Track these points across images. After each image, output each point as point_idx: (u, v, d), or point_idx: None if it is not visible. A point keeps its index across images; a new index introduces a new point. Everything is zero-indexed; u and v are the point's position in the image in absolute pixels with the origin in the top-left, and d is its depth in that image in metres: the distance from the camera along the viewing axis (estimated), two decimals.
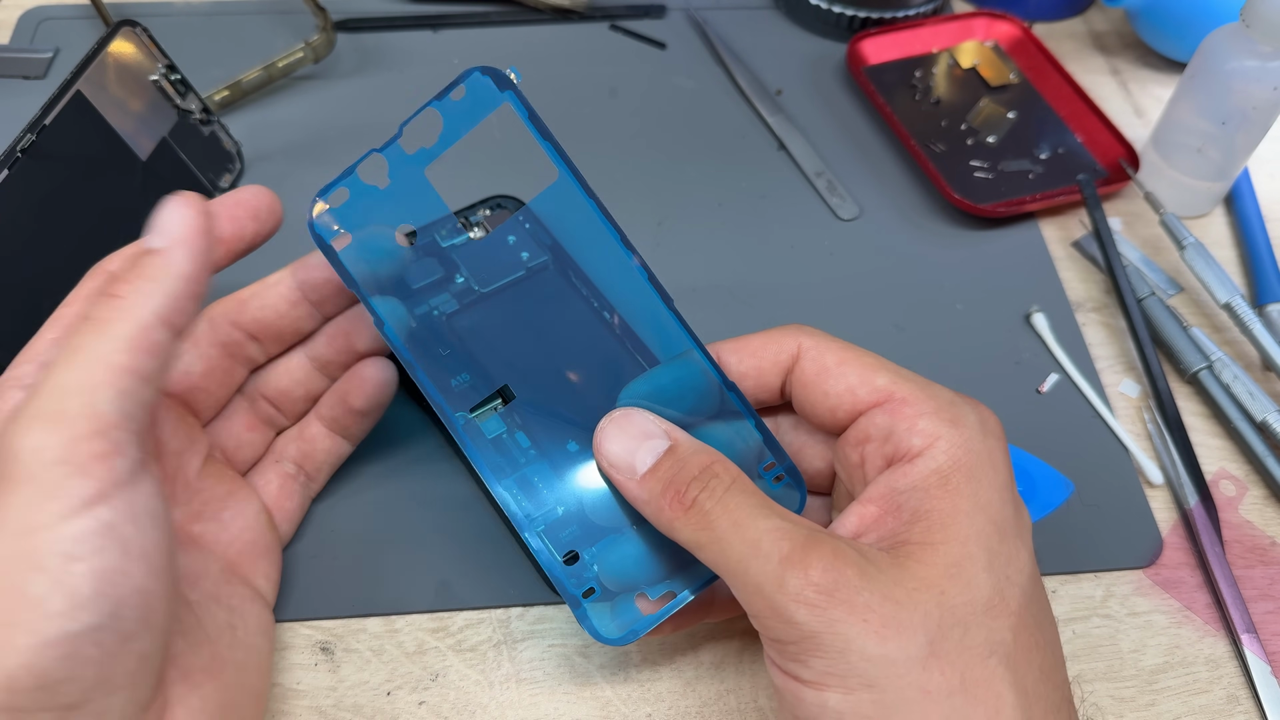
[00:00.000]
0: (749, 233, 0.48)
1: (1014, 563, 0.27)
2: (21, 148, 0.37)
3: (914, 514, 0.27)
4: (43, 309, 0.38)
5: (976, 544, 0.27)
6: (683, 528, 0.28)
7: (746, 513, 0.27)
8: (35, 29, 0.54)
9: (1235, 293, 0.44)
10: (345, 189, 0.30)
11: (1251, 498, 0.41)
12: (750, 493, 0.28)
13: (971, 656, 0.25)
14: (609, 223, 0.31)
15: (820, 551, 0.26)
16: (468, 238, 0.40)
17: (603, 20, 0.57)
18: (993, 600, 0.26)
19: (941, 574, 0.26)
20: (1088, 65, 0.58)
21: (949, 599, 0.26)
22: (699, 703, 0.34)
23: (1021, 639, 0.26)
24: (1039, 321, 0.45)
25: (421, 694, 0.34)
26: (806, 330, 0.32)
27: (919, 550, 0.27)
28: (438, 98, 0.30)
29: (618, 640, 0.30)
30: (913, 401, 0.29)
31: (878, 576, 0.26)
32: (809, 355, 0.31)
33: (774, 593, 0.26)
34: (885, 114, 0.52)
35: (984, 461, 0.28)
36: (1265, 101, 0.44)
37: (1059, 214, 0.50)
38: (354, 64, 0.54)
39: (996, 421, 0.30)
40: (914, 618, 0.25)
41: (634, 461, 0.29)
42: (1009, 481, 0.29)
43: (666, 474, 0.29)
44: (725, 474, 0.28)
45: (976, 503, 0.27)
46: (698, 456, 0.29)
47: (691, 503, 0.28)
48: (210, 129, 0.46)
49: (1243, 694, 0.36)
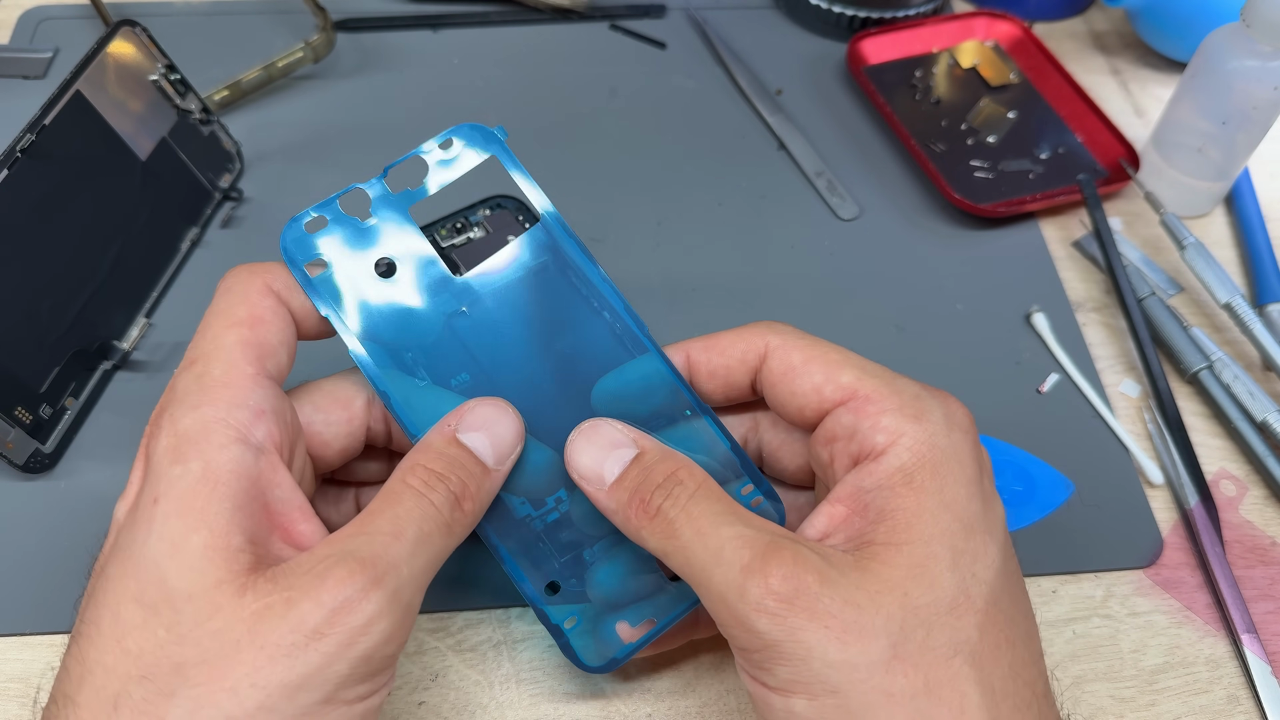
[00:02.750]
0: (749, 233, 0.48)
1: (981, 559, 0.27)
2: (21, 148, 0.37)
3: (879, 513, 0.27)
4: (43, 308, 0.38)
5: (940, 543, 0.26)
6: (649, 536, 0.28)
7: (709, 520, 0.27)
8: (35, 29, 0.54)
9: (1235, 293, 0.44)
10: (325, 216, 0.30)
11: (1252, 498, 0.41)
12: (715, 498, 0.28)
13: (935, 657, 0.25)
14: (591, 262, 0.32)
15: (780, 558, 0.26)
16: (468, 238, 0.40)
17: (603, 20, 0.57)
18: (957, 599, 0.26)
19: (905, 575, 0.26)
20: (1088, 65, 0.58)
21: (912, 600, 0.26)
22: (699, 703, 0.34)
23: (989, 636, 0.26)
24: (1039, 321, 0.45)
25: (421, 694, 0.34)
26: (775, 327, 0.31)
27: (883, 551, 0.26)
28: (425, 148, 0.31)
29: (600, 668, 0.30)
30: (876, 398, 0.29)
31: (839, 581, 0.25)
32: (776, 354, 0.31)
33: (736, 602, 0.25)
34: (885, 114, 0.52)
35: (949, 457, 0.28)
36: (1265, 101, 0.44)
37: (1059, 214, 0.50)
38: (354, 64, 0.54)
39: (965, 414, 0.29)
40: (876, 621, 0.25)
41: (602, 471, 0.29)
42: (976, 476, 0.28)
43: (632, 482, 0.29)
44: (690, 480, 0.28)
45: (941, 500, 0.27)
46: (663, 464, 0.29)
47: (656, 511, 0.28)
48: (210, 129, 0.46)
49: (1243, 694, 0.36)
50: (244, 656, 0.24)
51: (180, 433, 0.26)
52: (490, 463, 0.29)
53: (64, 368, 0.39)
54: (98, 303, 0.41)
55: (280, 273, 0.30)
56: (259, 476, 0.27)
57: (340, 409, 0.31)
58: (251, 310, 0.29)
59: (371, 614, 0.25)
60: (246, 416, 0.27)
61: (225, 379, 0.27)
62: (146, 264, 0.44)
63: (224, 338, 0.28)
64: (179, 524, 0.25)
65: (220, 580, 0.25)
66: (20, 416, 0.37)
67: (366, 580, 0.25)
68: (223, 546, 0.25)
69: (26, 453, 0.38)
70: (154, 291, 0.44)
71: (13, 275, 0.37)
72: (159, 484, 0.26)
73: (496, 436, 0.29)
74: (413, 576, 0.26)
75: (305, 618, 0.24)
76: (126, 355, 0.42)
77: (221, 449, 0.26)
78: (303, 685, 0.24)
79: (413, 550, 0.26)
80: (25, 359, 0.38)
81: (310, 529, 0.27)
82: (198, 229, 0.46)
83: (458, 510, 0.28)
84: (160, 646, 0.24)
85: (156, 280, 0.44)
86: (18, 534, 0.37)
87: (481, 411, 0.29)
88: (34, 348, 0.38)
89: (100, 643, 0.25)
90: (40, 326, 0.38)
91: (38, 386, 0.38)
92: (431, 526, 0.27)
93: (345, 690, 0.25)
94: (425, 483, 0.28)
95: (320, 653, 0.24)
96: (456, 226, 0.43)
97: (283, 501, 0.27)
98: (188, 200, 0.46)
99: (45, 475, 0.39)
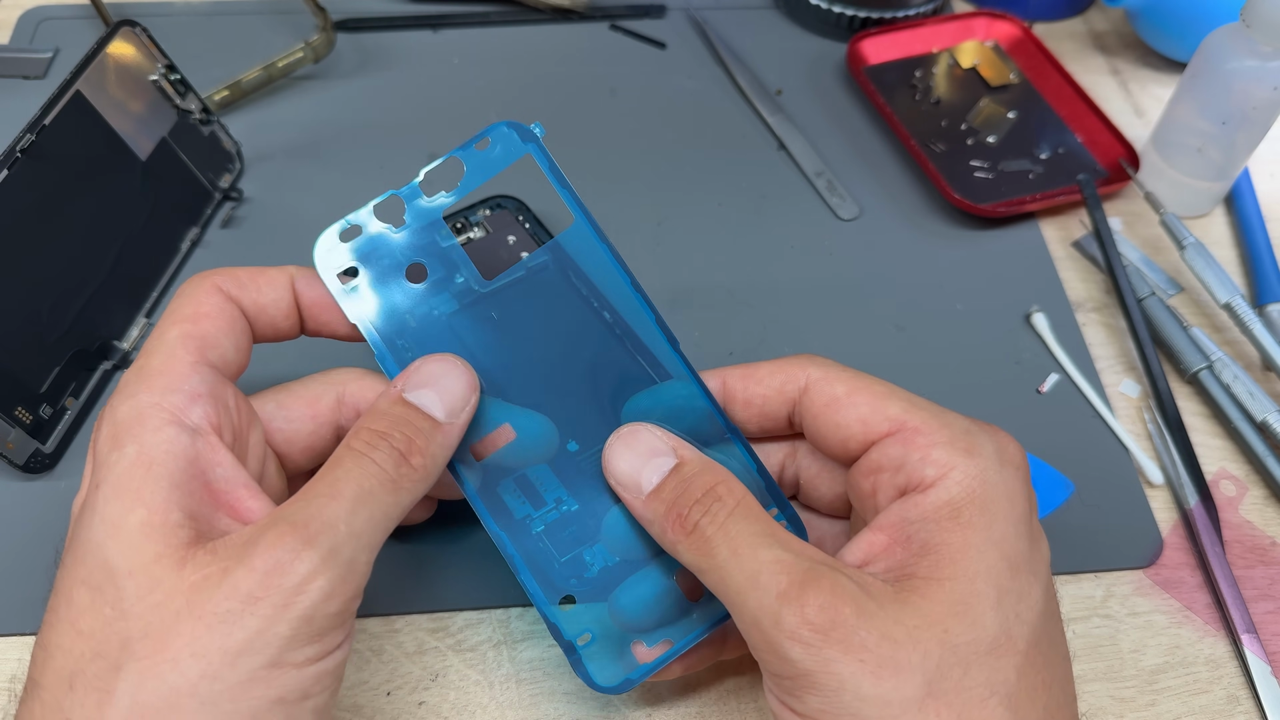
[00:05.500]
0: (749, 233, 0.48)
1: (1025, 599, 0.26)
2: (21, 148, 0.37)
3: (923, 546, 0.27)
4: (43, 309, 0.38)
5: (985, 580, 0.26)
6: (685, 551, 0.28)
7: (746, 541, 0.27)
8: (35, 29, 0.54)
9: (1235, 293, 0.44)
10: (358, 225, 0.31)
11: (1252, 498, 0.41)
12: (754, 518, 0.27)
13: (970, 697, 0.25)
14: (622, 268, 0.31)
15: (818, 587, 0.25)
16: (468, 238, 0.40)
17: (603, 20, 0.57)
18: (999, 639, 0.26)
19: (946, 611, 0.25)
20: (1088, 65, 0.58)
21: (952, 637, 0.25)
22: (699, 703, 0.34)
23: (1026, 679, 0.26)
24: (1039, 321, 0.45)
25: (421, 694, 0.34)
26: (815, 360, 0.31)
27: (925, 585, 0.26)
28: (462, 147, 0.31)
29: (613, 689, 0.30)
30: (926, 430, 0.28)
31: (877, 614, 0.25)
32: (817, 386, 0.30)
33: (770, 628, 0.25)
34: (885, 114, 0.52)
35: (999, 493, 0.27)
36: (1265, 101, 0.44)
37: (1059, 214, 0.50)
38: (354, 64, 0.54)
39: (1018, 450, 0.29)
40: (913, 657, 0.25)
41: (640, 480, 0.29)
42: (1026, 514, 0.28)
43: (671, 494, 0.28)
44: (729, 496, 0.28)
45: (989, 537, 0.27)
46: (702, 476, 0.28)
47: (693, 527, 0.27)
48: (210, 129, 0.46)
49: (1243, 694, 0.36)
50: (183, 627, 0.24)
51: (118, 420, 0.27)
52: (440, 416, 0.29)
53: (64, 368, 0.39)
54: (98, 303, 0.41)
55: (230, 273, 0.30)
56: (196, 456, 0.27)
57: (304, 406, 0.31)
58: (196, 308, 0.29)
59: (305, 573, 0.25)
60: (181, 400, 0.27)
61: (162, 368, 0.28)
62: (147, 264, 0.44)
63: (167, 334, 0.29)
64: (117, 505, 0.26)
65: (159, 555, 0.25)
66: (20, 416, 0.37)
67: (297, 540, 0.25)
68: (160, 524, 0.25)
69: (27, 453, 0.38)
70: (154, 291, 0.44)
71: (13, 275, 0.37)
72: (100, 471, 0.26)
73: (446, 390, 0.29)
74: (353, 534, 0.26)
75: (239, 583, 0.24)
76: (127, 355, 0.42)
77: (155, 431, 0.26)
78: (243, 650, 0.24)
79: (351, 508, 0.26)
80: (25, 359, 0.38)
81: (258, 505, 0.28)
82: (198, 229, 0.46)
83: (404, 465, 0.28)
84: (107, 624, 0.25)
85: (157, 280, 0.44)
86: (18, 534, 0.37)
87: (429, 368, 0.29)
88: (34, 348, 0.38)
89: (58, 627, 0.25)
90: (40, 326, 0.38)
91: (38, 386, 0.38)
92: (373, 483, 0.27)
93: (291, 653, 0.25)
94: (368, 443, 0.28)
95: (258, 615, 0.24)
96: (456, 227, 0.43)
97: (226, 480, 0.27)
98: (188, 200, 0.46)
99: (45, 475, 0.39)
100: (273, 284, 0.31)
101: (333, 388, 0.31)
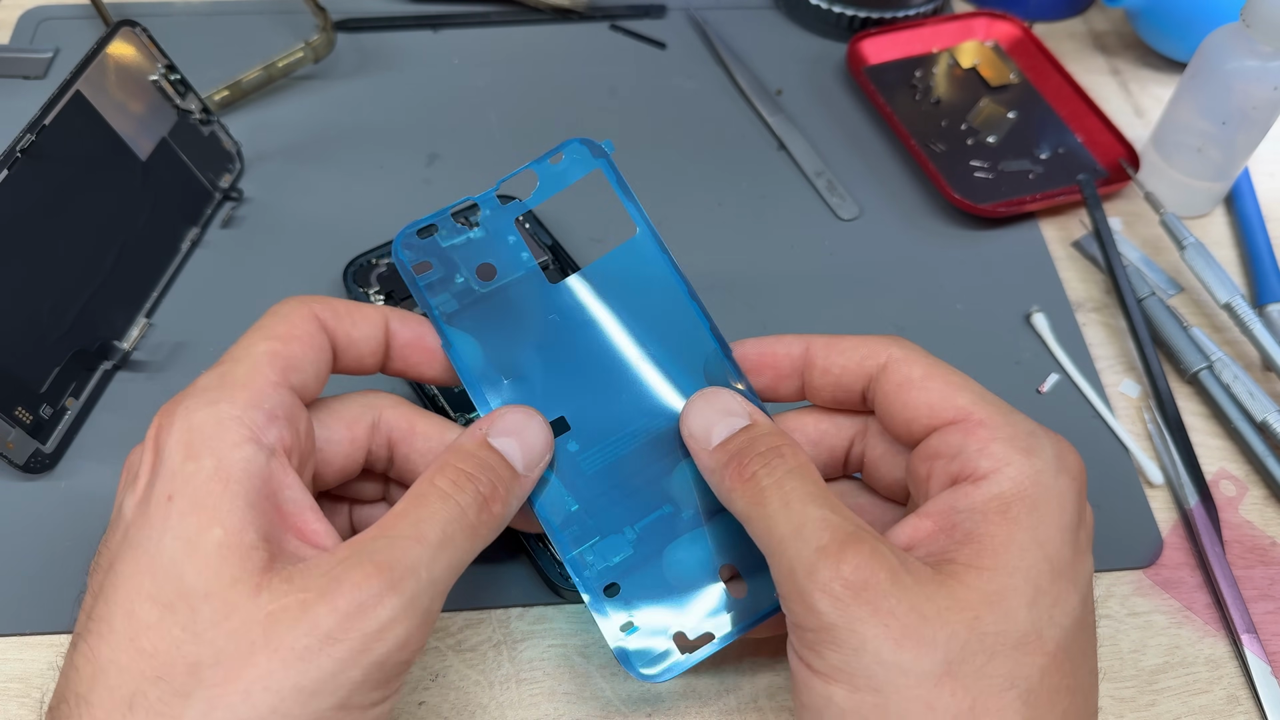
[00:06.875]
0: (749, 232, 0.48)
1: (1061, 604, 0.26)
2: (21, 148, 0.37)
3: (966, 535, 0.27)
4: (43, 309, 0.38)
5: (1024, 577, 0.26)
6: (737, 498, 0.28)
7: (799, 497, 0.27)
8: (35, 29, 0.54)
9: (1235, 293, 0.44)
10: (435, 224, 0.33)
11: (1251, 498, 0.41)
12: (810, 480, 0.28)
13: (989, 685, 0.25)
14: (681, 279, 0.34)
15: (858, 549, 0.26)
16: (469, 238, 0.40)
17: (603, 20, 0.57)
18: (1028, 636, 0.26)
19: (980, 599, 0.26)
20: (1088, 65, 0.58)
21: (982, 625, 0.25)
22: (699, 703, 0.34)
23: (1050, 680, 0.26)
24: (1039, 321, 0.45)
25: (421, 694, 0.34)
26: (900, 341, 0.31)
27: (964, 571, 0.26)
28: (537, 161, 0.33)
29: (655, 678, 0.31)
30: (990, 425, 0.29)
31: (911, 587, 0.25)
32: (896, 365, 0.31)
33: (803, 578, 0.26)
34: (885, 114, 0.52)
35: (1050, 497, 0.27)
36: (1265, 101, 0.44)
37: (1059, 214, 0.50)
38: (354, 64, 0.54)
39: (1077, 460, 0.29)
40: (938, 635, 0.25)
41: (710, 434, 0.30)
42: (1074, 524, 0.28)
43: (736, 446, 0.29)
44: (791, 458, 0.29)
45: (1034, 536, 0.27)
46: (770, 437, 0.29)
47: (750, 476, 0.28)
48: (210, 129, 0.46)
49: (1243, 694, 0.36)
50: (258, 659, 0.24)
51: (194, 427, 0.26)
52: (520, 468, 0.29)
53: (64, 368, 0.39)
54: (98, 303, 0.41)
55: (329, 303, 0.30)
56: (270, 477, 0.27)
57: (343, 428, 0.31)
58: (290, 329, 0.29)
59: (387, 619, 0.25)
60: (261, 418, 0.27)
61: (246, 380, 0.27)
62: (147, 264, 0.44)
63: (255, 346, 0.28)
64: (194, 521, 0.25)
65: (235, 579, 0.24)
66: (20, 416, 0.37)
67: (383, 584, 0.25)
68: (236, 544, 0.25)
69: (27, 453, 0.38)
70: (154, 291, 0.44)
71: (13, 275, 0.37)
72: (173, 480, 0.26)
73: (526, 442, 0.30)
74: (433, 581, 0.26)
75: (319, 621, 0.24)
76: (127, 355, 0.42)
77: (235, 447, 0.26)
78: (316, 690, 0.24)
79: (434, 554, 0.26)
80: (25, 359, 0.38)
81: (323, 528, 0.27)
82: (198, 229, 0.46)
83: (485, 512, 0.28)
84: (176, 646, 0.24)
85: (157, 280, 0.44)
86: (18, 534, 0.37)
87: (512, 417, 0.30)
88: (34, 348, 0.38)
89: (114, 641, 0.24)
90: (40, 326, 0.38)
91: (38, 386, 0.38)
92: (456, 529, 0.27)
93: (359, 696, 0.25)
94: (454, 483, 0.28)
95: (334, 658, 0.24)
96: (459, 225, 0.43)
97: (294, 502, 0.27)
98: (188, 200, 0.46)
99: (45, 475, 0.39)
100: (368, 320, 0.31)
101: (370, 411, 0.31)
